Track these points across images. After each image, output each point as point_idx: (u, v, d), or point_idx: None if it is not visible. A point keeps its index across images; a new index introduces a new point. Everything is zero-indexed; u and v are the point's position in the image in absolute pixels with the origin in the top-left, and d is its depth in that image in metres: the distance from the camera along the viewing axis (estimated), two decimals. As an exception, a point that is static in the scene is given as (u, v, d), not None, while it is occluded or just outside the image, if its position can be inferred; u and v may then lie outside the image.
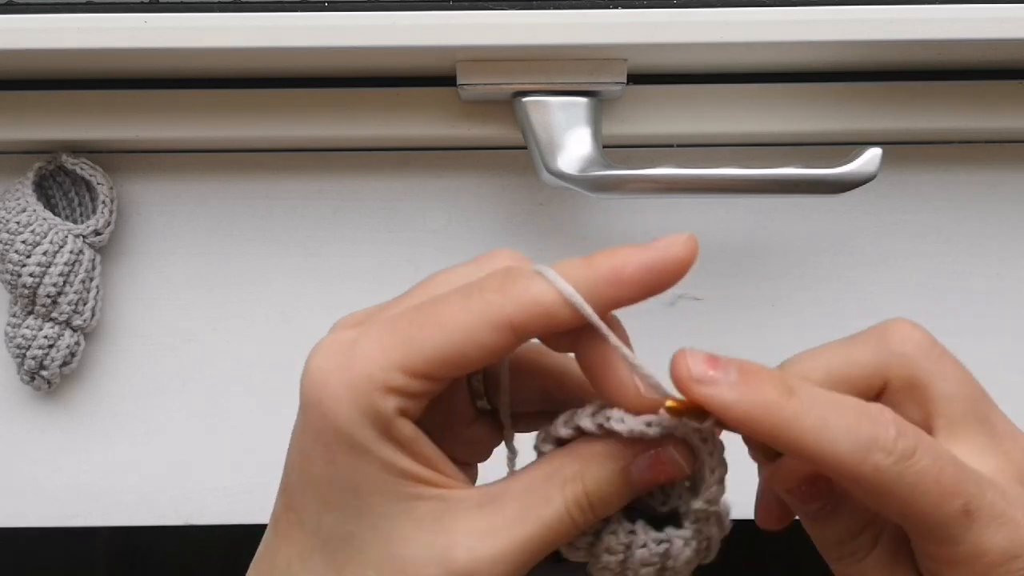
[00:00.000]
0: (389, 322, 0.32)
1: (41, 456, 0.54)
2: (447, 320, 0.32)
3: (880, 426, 0.32)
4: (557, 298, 0.31)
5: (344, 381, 0.32)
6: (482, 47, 0.47)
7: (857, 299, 0.54)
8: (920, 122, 0.51)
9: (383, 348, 0.32)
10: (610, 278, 0.32)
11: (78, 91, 0.51)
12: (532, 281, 0.32)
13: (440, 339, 0.32)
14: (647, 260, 0.32)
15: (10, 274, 0.51)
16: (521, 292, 0.32)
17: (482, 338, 0.31)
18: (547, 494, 0.33)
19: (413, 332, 0.32)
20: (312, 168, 0.54)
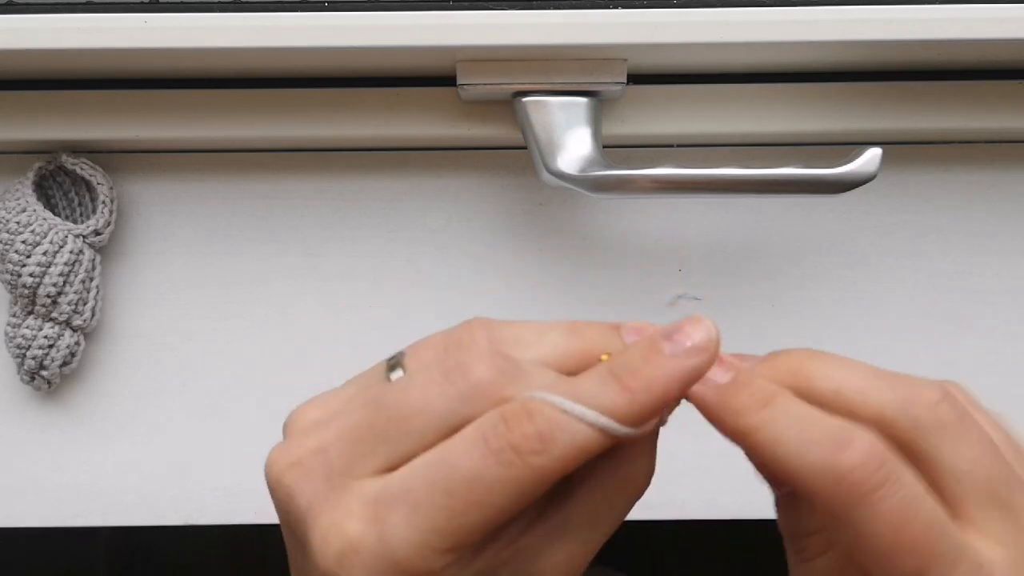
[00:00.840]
0: (413, 509, 0.30)
1: (41, 456, 0.54)
2: (490, 498, 0.30)
3: (841, 450, 0.31)
4: (602, 439, 0.30)
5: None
6: (482, 47, 0.47)
7: (857, 299, 0.54)
8: (920, 122, 0.51)
9: (427, 545, 0.30)
10: (658, 407, 0.31)
11: (78, 91, 0.51)
12: (574, 430, 0.30)
13: (488, 516, 0.30)
14: (688, 379, 0.31)
15: (10, 274, 0.51)
16: (567, 446, 0.30)
17: (530, 501, 0.30)
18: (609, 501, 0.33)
19: (455, 520, 0.30)
20: (312, 168, 0.54)
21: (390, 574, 0.30)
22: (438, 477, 0.30)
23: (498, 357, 0.32)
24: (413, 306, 0.54)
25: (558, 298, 0.54)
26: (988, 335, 0.54)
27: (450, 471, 0.30)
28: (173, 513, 0.54)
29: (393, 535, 0.30)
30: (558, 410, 0.30)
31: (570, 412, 0.30)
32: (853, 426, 0.31)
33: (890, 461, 0.31)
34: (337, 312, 0.54)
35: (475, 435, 0.30)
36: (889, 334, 0.54)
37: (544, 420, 0.30)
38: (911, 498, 0.31)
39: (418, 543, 0.30)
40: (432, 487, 0.30)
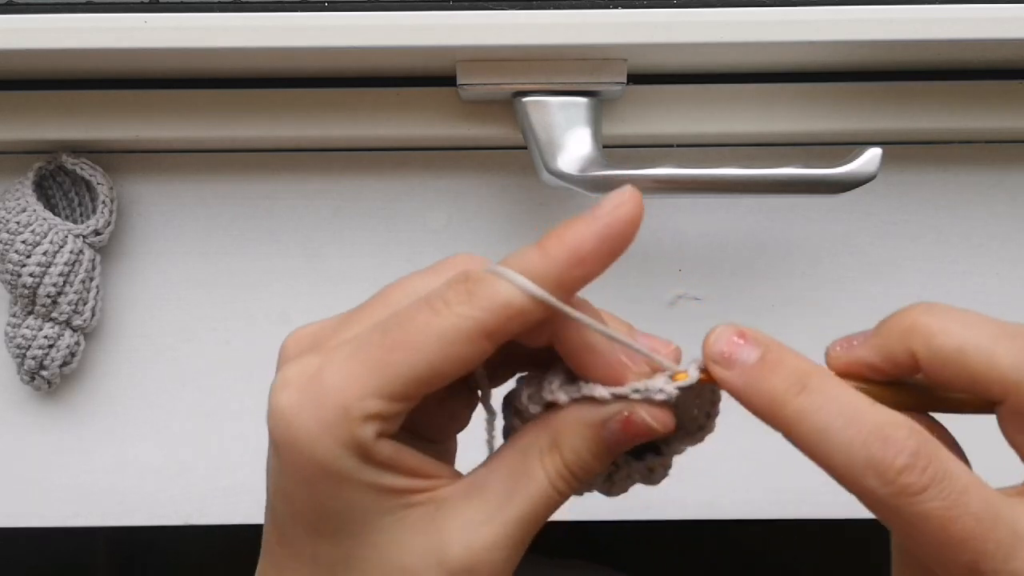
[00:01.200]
0: (354, 347, 0.32)
1: (41, 456, 0.54)
2: (418, 339, 0.31)
3: (889, 450, 0.30)
4: (526, 298, 0.31)
5: (317, 418, 0.31)
6: (482, 47, 0.47)
7: (857, 299, 0.54)
8: (920, 122, 0.51)
9: (354, 377, 0.31)
10: (571, 261, 0.31)
11: (78, 91, 0.51)
12: (497, 285, 0.31)
13: (414, 360, 0.31)
14: (601, 231, 0.31)
15: (10, 274, 0.51)
16: (490, 299, 0.31)
17: (458, 353, 0.31)
18: (528, 471, 0.33)
19: (383, 356, 0.31)
20: (312, 168, 0.54)
21: (317, 406, 0.31)
22: (379, 327, 0.32)
23: (482, 260, 0.34)
24: (413, 306, 0.54)
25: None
26: (988, 335, 0.54)
27: (389, 321, 0.32)
28: (173, 513, 0.54)
29: (328, 369, 0.31)
30: (488, 273, 0.31)
31: (496, 272, 0.31)
32: (900, 419, 0.31)
33: (937, 457, 0.30)
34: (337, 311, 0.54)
35: (421, 298, 0.32)
36: (889, 334, 0.54)
37: (475, 280, 0.31)
38: (959, 492, 0.30)
39: (348, 375, 0.31)
40: (372, 329, 0.32)
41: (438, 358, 0.31)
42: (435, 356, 0.31)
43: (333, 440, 0.31)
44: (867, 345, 0.33)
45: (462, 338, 0.31)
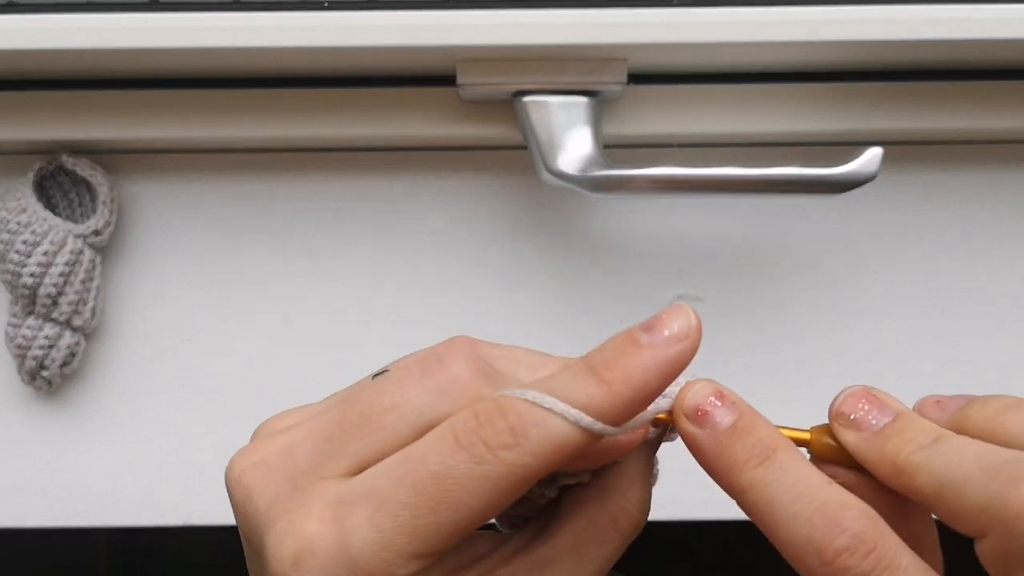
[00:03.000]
0: (378, 510, 0.28)
1: (41, 456, 0.54)
2: (461, 497, 0.28)
3: (831, 530, 0.29)
4: (580, 436, 0.28)
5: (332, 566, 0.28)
6: (482, 47, 0.47)
7: (857, 299, 0.54)
8: (920, 122, 0.51)
9: (390, 547, 0.28)
10: (637, 400, 0.29)
11: (78, 91, 0.51)
12: (549, 424, 0.28)
13: (458, 518, 0.28)
14: (667, 367, 0.30)
15: (10, 274, 0.51)
16: (542, 441, 0.28)
17: (507, 500, 0.29)
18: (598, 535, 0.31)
19: (421, 520, 0.28)
20: (312, 168, 0.54)
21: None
22: (404, 473, 0.28)
23: (479, 359, 0.31)
24: (413, 306, 0.54)
25: (558, 298, 0.54)
26: (988, 335, 0.54)
27: (417, 467, 0.28)
28: (173, 513, 0.54)
29: (354, 535, 0.28)
30: (531, 404, 0.28)
31: (543, 405, 0.28)
32: (852, 501, 0.30)
33: (884, 543, 0.29)
34: (337, 312, 0.54)
35: (445, 431, 0.29)
36: (889, 334, 0.54)
37: (516, 415, 0.28)
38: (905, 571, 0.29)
39: (381, 544, 0.28)
40: (398, 484, 0.28)
41: (485, 511, 0.28)
42: (482, 510, 0.28)
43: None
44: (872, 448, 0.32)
45: (512, 487, 0.28)
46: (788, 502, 0.30)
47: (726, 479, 0.31)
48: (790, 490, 0.30)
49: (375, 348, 0.54)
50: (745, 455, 0.31)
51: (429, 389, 0.30)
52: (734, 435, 0.31)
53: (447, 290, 0.54)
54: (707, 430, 0.31)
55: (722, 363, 0.54)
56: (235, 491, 0.31)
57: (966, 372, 0.54)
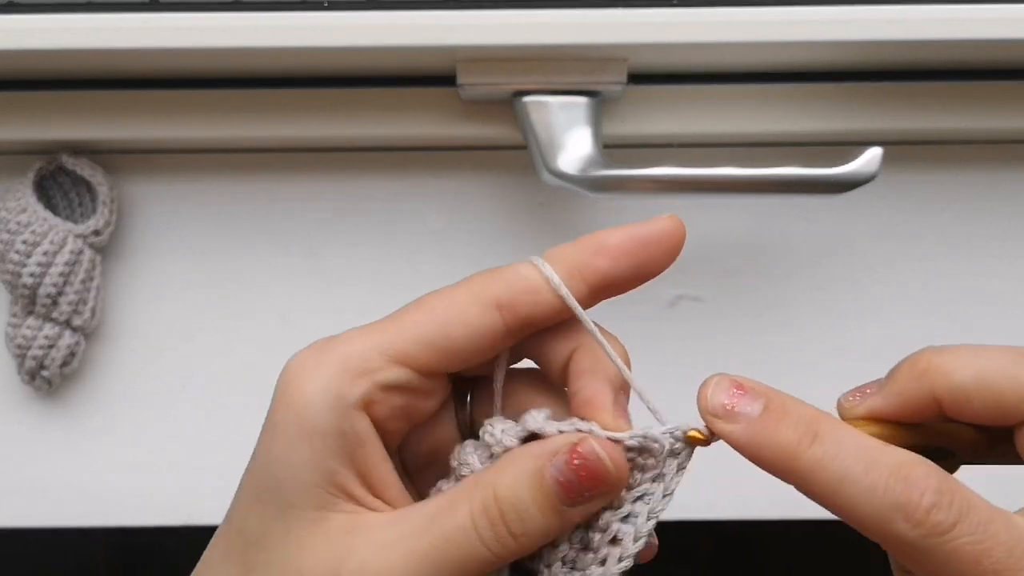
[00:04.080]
0: (369, 324, 0.32)
1: (41, 456, 0.54)
2: (432, 305, 0.31)
3: (913, 492, 0.29)
4: (542, 278, 0.31)
5: (316, 363, 0.31)
6: (482, 47, 0.47)
7: (857, 299, 0.54)
8: (920, 122, 0.51)
9: (365, 334, 0.31)
10: (595, 248, 0.31)
11: (78, 91, 0.51)
12: (519, 265, 0.31)
13: (424, 320, 0.31)
14: (631, 231, 0.32)
15: (10, 274, 0.51)
16: (507, 273, 0.31)
17: (468, 316, 0.31)
18: (454, 504, 0.30)
19: (397, 321, 0.31)
20: (312, 168, 0.54)
21: (319, 353, 0.31)
22: (404, 307, 0.32)
23: None
24: (413, 306, 0.54)
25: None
26: (988, 335, 0.54)
27: (414, 301, 0.32)
28: (173, 513, 0.54)
29: (340, 336, 0.31)
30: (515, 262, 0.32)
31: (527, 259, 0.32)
32: (916, 458, 0.30)
33: (959, 491, 0.30)
34: (337, 311, 0.54)
35: None
36: (889, 334, 0.54)
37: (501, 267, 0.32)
38: (986, 523, 0.29)
39: (355, 336, 0.31)
40: (396, 313, 0.32)
41: (447, 318, 0.31)
42: (444, 317, 0.31)
43: (318, 388, 0.30)
44: (883, 393, 0.32)
45: (471, 302, 0.31)
46: (860, 473, 0.29)
47: (784, 467, 0.30)
48: (857, 461, 0.30)
49: (375, 348, 0.54)
50: (794, 437, 0.30)
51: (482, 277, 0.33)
52: (771, 419, 0.31)
53: (447, 290, 0.54)
54: (741, 424, 0.31)
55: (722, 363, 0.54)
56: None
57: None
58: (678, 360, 0.53)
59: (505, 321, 0.31)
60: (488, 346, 0.31)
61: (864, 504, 0.29)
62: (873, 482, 0.29)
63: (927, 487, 0.29)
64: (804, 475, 0.30)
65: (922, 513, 0.29)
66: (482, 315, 0.31)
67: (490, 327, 0.31)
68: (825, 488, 0.30)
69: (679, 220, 0.32)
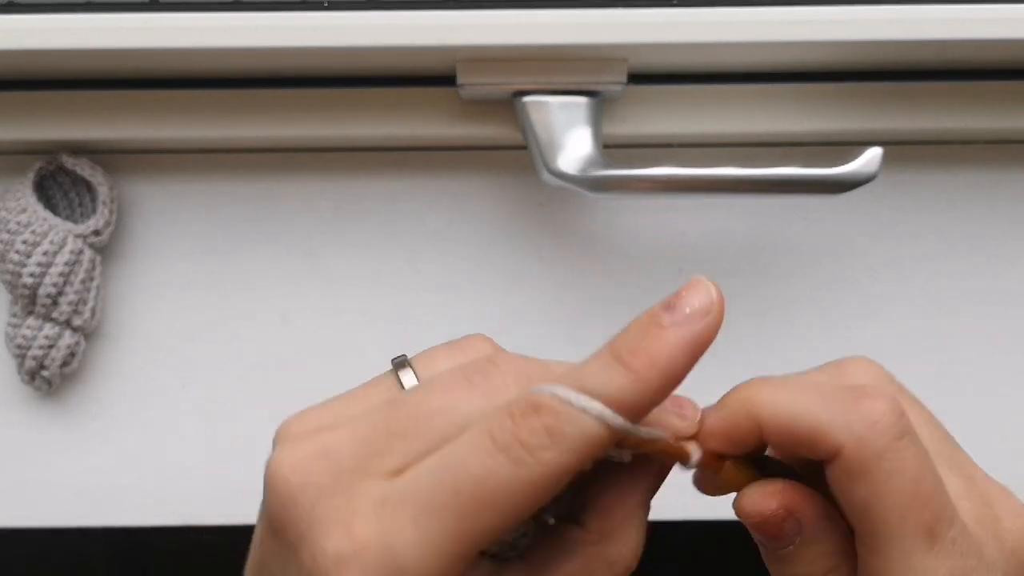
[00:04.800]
0: (422, 511, 0.28)
1: (41, 456, 0.54)
2: (504, 498, 0.28)
3: (866, 400, 0.30)
4: (609, 433, 0.29)
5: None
6: (482, 47, 0.47)
7: (857, 299, 0.54)
8: (920, 122, 0.51)
9: (435, 550, 0.28)
10: (665, 384, 0.29)
11: (78, 91, 0.51)
12: (582, 422, 0.28)
13: (500, 518, 0.28)
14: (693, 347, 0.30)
15: (10, 274, 0.51)
16: (575, 439, 0.28)
17: (546, 498, 0.29)
18: None
19: (466, 523, 0.28)
20: (312, 168, 0.54)
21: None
22: (446, 476, 0.28)
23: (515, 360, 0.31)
24: (413, 306, 0.54)
25: (558, 298, 0.54)
26: (988, 335, 0.54)
27: (458, 470, 0.28)
28: (173, 513, 0.54)
29: (398, 538, 0.28)
30: (564, 402, 0.28)
31: (575, 404, 0.28)
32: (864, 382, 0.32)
33: (905, 413, 0.30)
34: (337, 312, 0.54)
35: (482, 432, 0.28)
36: (889, 334, 0.54)
37: (551, 413, 0.28)
38: (923, 451, 0.30)
39: (424, 546, 0.28)
40: (439, 486, 0.28)
41: (525, 508, 0.28)
42: (522, 508, 0.28)
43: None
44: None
45: (551, 485, 0.28)
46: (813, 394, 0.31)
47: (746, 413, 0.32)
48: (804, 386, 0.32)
49: (375, 348, 0.54)
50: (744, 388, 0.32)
51: (477, 396, 0.30)
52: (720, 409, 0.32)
53: (447, 290, 0.54)
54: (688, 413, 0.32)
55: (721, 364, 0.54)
56: (280, 487, 0.30)
57: (966, 372, 0.54)
58: (678, 360, 0.53)
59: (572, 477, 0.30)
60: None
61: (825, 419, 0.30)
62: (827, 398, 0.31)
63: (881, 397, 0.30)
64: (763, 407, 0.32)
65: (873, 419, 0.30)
66: (558, 489, 0.29)
67: (562, 486, 0.30)
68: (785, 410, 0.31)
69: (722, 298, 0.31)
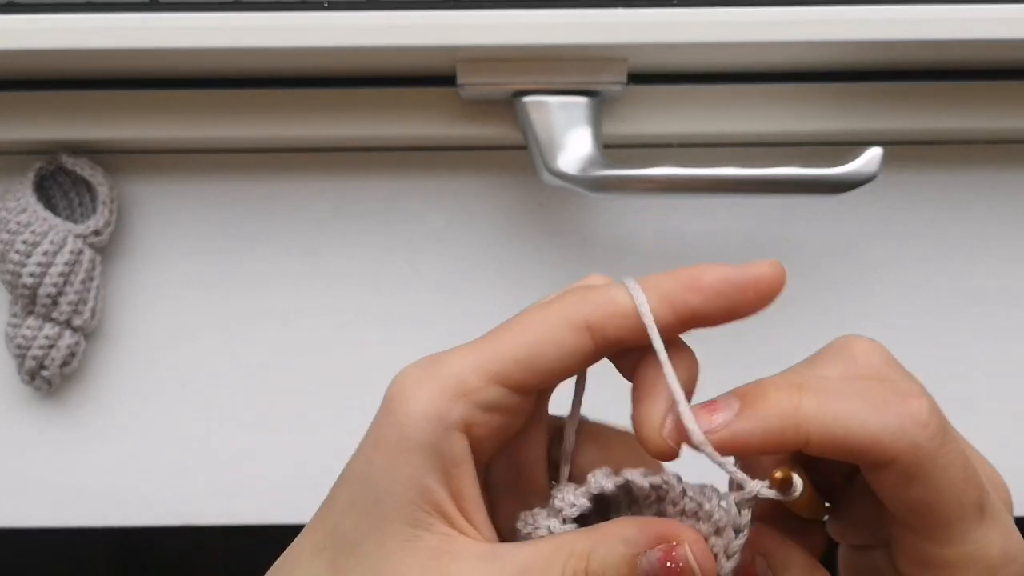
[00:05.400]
0: (471, 343, 0.33)
1: (41, 456, 0.54)
2: (526, 325, 0.32)
3: (912, 404, 0.30)
4: (631, 303, 0.32)
5: (421, 380, 0.32)
6: (482, 47, 0.47)
7: (857, 299, 0.54)
8: (920, 122, 0.51)
9: (464, 354, 0.32)
10: (689, 283, 0.32)
11: (78, 91, 0.51)
12: (612, 288, 0.32)
13: (518, 340, 0.32)
14: (727, 271, 0.32)
15: (10, 274, 0.51)
16: (599, 295, 0.32)
17: (560, 336, 0.32)
18: (548, 564, 0.31)
19: (493, 341, 0.32)
20: (312, 168, 0.54)
21: (428, 371, 0.32)
22: (498, 328, 0.33)
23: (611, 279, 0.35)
24: (413, 306, 0.54)
25: (558, 298, 0.54)
26: (988, 335, 0.54)
27: (508, 321, 0.33)
28: (173, 513, 0.54)
29: (447, 356, 0.32)
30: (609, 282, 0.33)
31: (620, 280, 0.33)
32: (900, 381, 0.32)
33: (936, 405, 0.31)
34: (337, 312, 0.54)
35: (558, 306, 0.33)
36: (889, 334, 0.54)
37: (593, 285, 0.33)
38: (959, 436, 0.31)
39: (460, 354, 0.32)
40: (492, 333, 0.33)
41: (540, 338, 0.32)
42: (537, 337, 0.32)
43: (421, 405, 0.31)
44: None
45: (564, 322, 0.32)
46: (859, 401, 0.31)
47: (791, 425, 0.31)
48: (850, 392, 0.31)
49: (375, 348, 0.54)
50: (785, 397, 0.31)
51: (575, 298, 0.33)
52: (756, 399, 0.31)
53: (447, 290, 0.54)
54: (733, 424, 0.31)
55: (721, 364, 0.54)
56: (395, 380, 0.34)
57: (966, 372, 0.54)
58: (678, 360, 0.53)
59: (595, 341, 0.32)
60: (577, 364, 0.33)
61: (875, 424, 0.30)
62: (874, 402, 0.30)
63: (924, 400, 0.31)
64: (811, 420, 0.31)
65: (922, 424, 0.30)
66: (573, 336, 0.32)
67: (581, 348, 0.32)
68: (834, 426, 0.30)
69: (780, 268, 0.32)
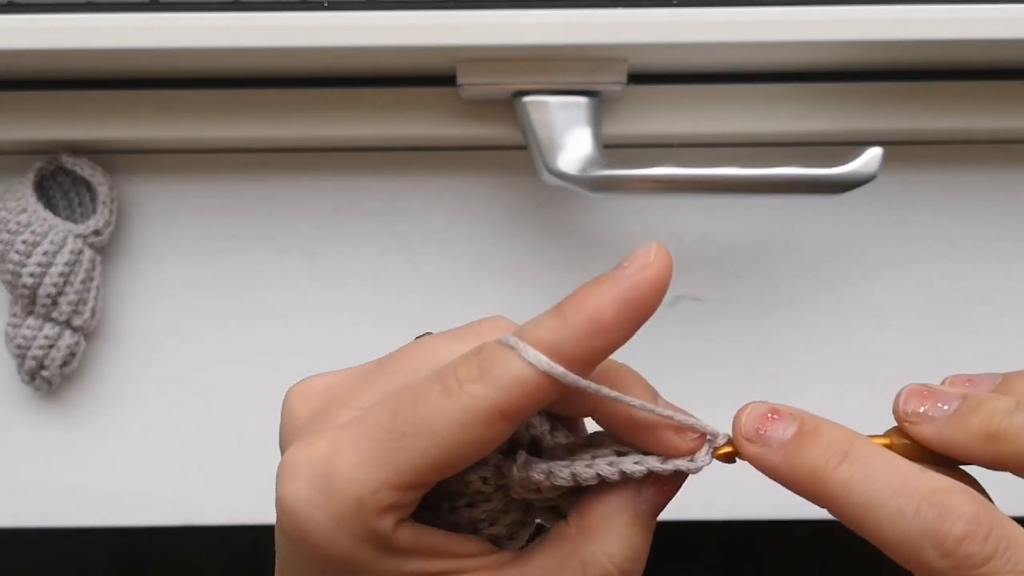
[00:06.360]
0: (364, 428, 0.30)
1: (41, 456, 0.54)
2: (430, 423, 0.29)
3: (945, 520, 0.28)
4: (539, 374, 0.29)
5: (331, 512, 0.29)
6: (482, 47, 0.47)
7: (857, 299, 0.54)
8: (920, 122, 0.51)
9: (365, 466, 0.29)
10: (590, 330, 0.29)
11: (78, 91, 0.51)
12: (509, 360, 0.29)
13: (426, 447, 0.29)
14: (624, 295, 0.29)
15: (10, 274, 0.51)
16: (502, 376, 0.29)
17: (473, 435, 0.29)
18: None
19: (394, 442, 0.29)
20: (312, 168, 0.54)
21: (329, 499, 0.29)
22: (391, 401, 0.30)
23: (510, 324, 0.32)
24: (413, 306, 0.54)
25: (558, 298, 0.54)
26: (988, 335, 0.54)
27: (401, 395, 0.30)
28: (173, 513, 0.54)
29: (339, 453, 0.29)
30: (501, 345, 0.29)
31: (507, 343, 0.29)
32: (955, 485, 0.29)
33: (999, 523, 0.28)
34: (337, 312, 0.54)
35: (433, 372, 0.30)
36: (889, 334, 0.54)
37: (487, 353, 0.29)
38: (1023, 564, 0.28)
39: (356, 463, 0.29)
40: (385, 408, 0.30)
41: (452, 443, 0.29)
42: (449, 441, 0.29)
43: (349, 535, 0.29)
44: (940, 431, 0.31)
45: (476, 420, 0.29)
46: (888, 497, 0.29)
47: (813, 489, 0.30)
48: (887, 484, 0.29)
49: (374, 348, 0.54)
50: (822, 457, 0.30)
51: (453, 344, 0.31)
52: (803, 441, 0.30)
53: (447, 290, 0.54)
54: (772, 447, 0.31)
55: (722, 363, 0.54)
56: (284, 411, 0.33)
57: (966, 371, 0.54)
58: (678, 361, 0.53)
59: (512, 423, 0.30)
60: (495, 445, 0.30)
61: (892, 528, 0.28)
62: (902, 506, 0.28)
63: (961, 516, 0.28)
64: (831, 497, 0.29)
65: (952, 543, 0.28)
66: (488, 430, 0.29)
67: (499, 436, 0.30)
68: (852, 511, 0.29)
69: (667, 255, 0.30)
